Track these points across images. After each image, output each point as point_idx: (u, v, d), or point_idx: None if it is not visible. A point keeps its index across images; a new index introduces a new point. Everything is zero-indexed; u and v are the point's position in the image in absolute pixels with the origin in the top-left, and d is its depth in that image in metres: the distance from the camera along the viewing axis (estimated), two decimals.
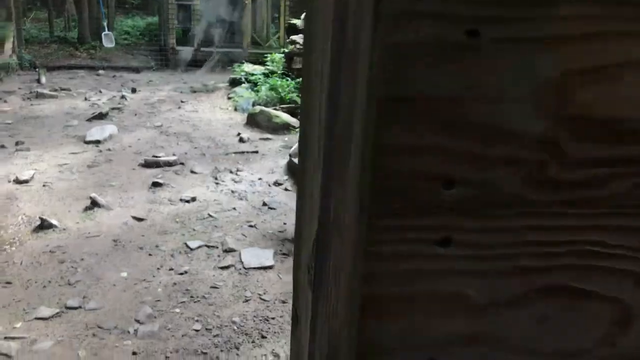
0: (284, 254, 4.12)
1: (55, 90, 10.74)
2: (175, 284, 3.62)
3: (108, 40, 15.78)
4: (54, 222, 4.44)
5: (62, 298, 3.39)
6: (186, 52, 15.18)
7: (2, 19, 13.56)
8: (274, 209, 5.02)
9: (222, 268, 3.85)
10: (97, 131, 7.26)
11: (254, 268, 3.86)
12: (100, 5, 16.22)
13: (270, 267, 3.88)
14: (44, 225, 4.40)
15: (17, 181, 5.44)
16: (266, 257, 3.99)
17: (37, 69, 13.00)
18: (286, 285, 3.66)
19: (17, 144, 6.86)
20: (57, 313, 3.21)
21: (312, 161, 0.57)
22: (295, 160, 6.01)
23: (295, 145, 6.74)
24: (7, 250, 4.01)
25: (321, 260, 0.54)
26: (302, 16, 9.65)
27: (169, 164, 6.26)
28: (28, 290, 3.48)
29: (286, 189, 5.58)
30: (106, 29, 15.98)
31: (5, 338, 2.95)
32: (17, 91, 10.60)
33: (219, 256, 4.04)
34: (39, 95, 10.06)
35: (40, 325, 3.11)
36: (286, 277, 3.78)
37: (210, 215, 4.81)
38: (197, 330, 3.11)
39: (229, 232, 4.46)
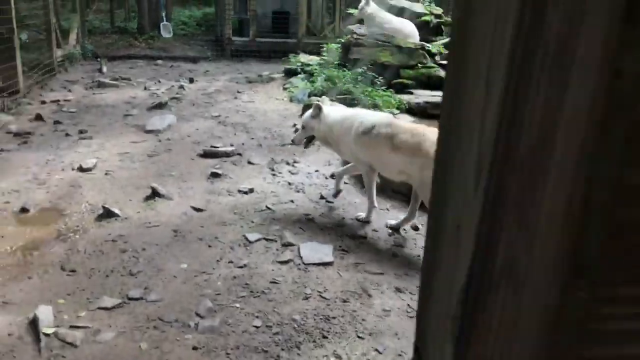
0: (343, 250, 4.01)
1: (116, 79, 10.99)
2: (235, 277, 3.57)
3: (166, 31, 16.05)
4: (116, 210, 4.48)
5: (124, 288, 3.40)
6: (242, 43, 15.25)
7: (68, 10, 13.99)
8: (332, 202, 4.91)
9: (281, 262, 3.78)
10: (157, 121, 7.35)
11: (314, 264, 3.76)
12: None
13: (329, 264, 3.77)
14: (106, 214, 4.46)
15: (81, 169, 5.55)
16: (325, 252, 3.89)
17: (98, 59, 13.37)
18: (347, 284, 3.55)
19: (80, 132, 7.04)
20: (120, 304, 3.22)
21: (459, 187, 0.43)
22: None
23: None
24: (71, 238, 4.08)
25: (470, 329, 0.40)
26: (360, 5, 9.46)
27: (227, 154, 6.25)
28: (91, 279, 3.51)
29: (344, 182, 5.45)
30: (164, 19, 16.26)
31: (70, 327, 2.97)
32: (80, 80, 10.91)
33: (277, 250, 3.97)
34: (101, 85, 10.32)
35: (103, 315, 3.12)
36: (346, 274, 3.67)
37: (268, 208, 4.75)
38: (257, 327, 3.05)
39: (287, 226, 4.38)
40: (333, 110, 4.59)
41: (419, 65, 9.03)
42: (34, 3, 11.09)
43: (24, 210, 4.55)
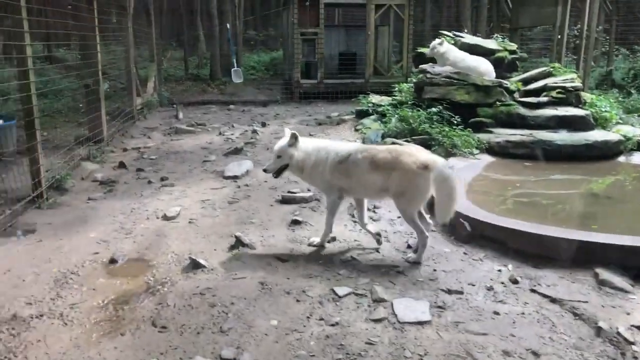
0: (439, 306, 3.76)
1: (192, 125, 11.33)
2: (327, 336, 3.40)
3: (237, 76, 16.55)
4: (202, 261, 4.45)
5: (216, 347, 3.30)
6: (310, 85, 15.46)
7: (146, 59, 14.73)
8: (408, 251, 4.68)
9: (375, 321, 3.57)
10: (235, 166, 7.43)
11: (410, 323, 3.53)
12: (231, 44, 17.11)
13: (427, 322, 3.53)
14: (193, 265, 4.43)
15: (165, 218, 5.62)
16: (421, 310, 3.66)
17: (174, 106, 13.89)
18: (448, 346, 3.29)
19: (162, 179, 7.20)
20: None
21: None
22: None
23: None
24: (160, 291, 4.06)
25: None
26: (432, 44, 9.34)
27: (305, 200, 6.18)
28: (183, 336, 3.44)
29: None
30: (235, 65, 16.79)
31: None
32: (159, 127, 11.33)
33: (369, 306, 3.78)
34: (178, 131, 10.65)
35: None
36: (446, 335, 3.42)
37: (353, 258, 4.59)
38: None
39: (375, 278, 4.19)
40: (306, 141, 4.89)
41: (497, 103, 8.74)
42: (112, 54, 11.73)
43: (112, 261, 4.61)
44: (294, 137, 4.67)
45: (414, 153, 4.43)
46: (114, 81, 13.50)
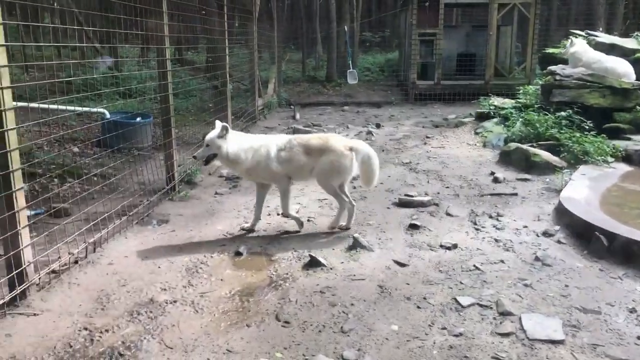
0: (573, 325, 3.49)
1: (308, 125, 11.58)
2: (451, 347, 3.29)
3: (352, 77, 16.68)
4: (321, 260, 4.52)
5: (337, 347, 3.32)
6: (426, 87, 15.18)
7: (267, 62, 15.31)
8: (549, 265, 4.40)
9: (502, 335, 3.40)
10: None
11: (540, 340, 3.32)
12: (347, 45, 17.28)
13: (560, 342, 3.30)
14: (312, 263, 4.51)
15: (285, 214, 5.78)
16: (553, 328, 3.42)
17: (292, 106, 14.30)
18: None
19: None
20: None
21: None
22: (569, 206, 5.26)
23: (567, 188, 5.97)
24: (282, 286, 4.17)
25: None
26: (569, 43, 8.76)
27: (423, 204, 6.06)
28: (305, 333, 3.50)
29: (559, 242, 4.89)
30: (351, 66, 16.94)
31: None
32: (277, 127, 11.71)
33: (494, 319, 3.61)
34: (296, 131, 10.91)
35: None
36: (582, 357, 3.16)
37: (477, 267, 4.41)
38: None
39: (501, 290, 4.00)
40: (240, 136, 5.26)
41: (638, 107, 7.99)
42: (236, 57, 12.30)
43: (238, 254, 4.82)
44: (224, 129, 4.99)
45: (340, 138, 5.37)
46: (237, 82, 14.19)
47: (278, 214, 5.85)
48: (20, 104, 4.56)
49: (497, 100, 10.44)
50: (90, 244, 4.77)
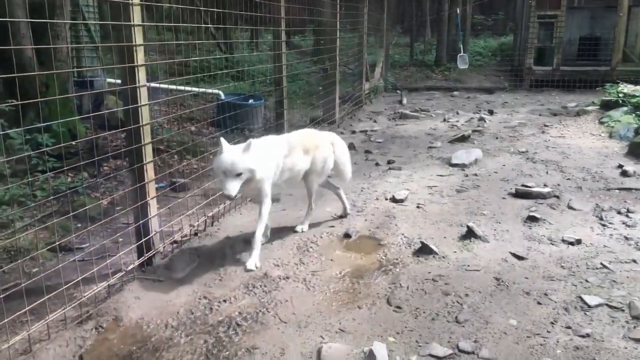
0: None
1: (416, 111, 11.35)
2: (577, 347, 3.06)
3: (462, 62, 16.09)
4: (432, 247, 4.40)
5: (452, 337, 3.21)
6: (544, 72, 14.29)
7: (374, 45, 15.16)
8: None
9: (636, 340, 3.11)
10: (462, 154, 7.21)
11: None
12: (458, 29, 16.66)
13: None
14: (424, 250, 4.41)
15: (394, 200, 5.70)
16: None
17: (398, 91, 14.09)
18: None
19: (388, 162, 7.34)
20: (451, 355, 3.03)
21: None
22: None
23: None
24: (392, 271, 4.11)
25: None
26: None
27: (542, 196, 5.70)
28: (417, 320, 3.42)
29: None
30: (462, 50, 16.33)
31: None
32: (384, 112, 11.59)
33: (627, 322, 3.31)
34: (402, 116, 10.76)
35: None
36: None
37: (604, 266, 4.07)
38: None
39: (633, 292, 3.65)
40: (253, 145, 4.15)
41: None
42: (343, 41, 12.25)
43: (346, 236, 4.82)
44: (249, 145, 3.91)
45: (320, 133, 5.13)
46: (343, 67, 14.19)
47: (386, 199, 5.78)
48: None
49: (626, 88, 9.56)
50: (209, 217, 4.99)
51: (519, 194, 5.77)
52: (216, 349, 3.14)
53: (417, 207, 5.52)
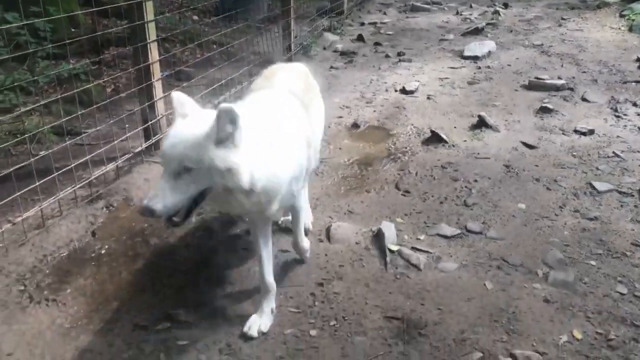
0: None
1: (427, 3, 10.81)
2: (584, 229, 3.09)
3: None
4: (443, 136, 4.34)
5: (460, 219, 3.24)
6: None
7: None
8: None
9: None
10: (475, 47, 6.94)
11: None
12: None
13: None
14: (433, 139, 4.35)
15: (403, 91, 5.57)
16: None
17: None
18: None
19: (399, 54, 7.09)
20: (459, 234, 3.06)
21: None
22: None
23: None
24: (401, 159, 4.08)
25: None
26: None
27: (556, 88, 5.54)
28: (426, 203, 3.44)
29: None
30: None
31: (412, 248, 2.94)
32: (394, 4, 11.06)
33: (636, 207, 3.31)
34: (414, 9, 10.27)
35: (442, 242, 3.01)
36: None
37: (616, 155, 4.02)
38: (622, 294, 2.56)
39: None
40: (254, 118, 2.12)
41: None
42: None
43: (355, 126, 4.75)
44: (230, 114, 1.85)
45: (297, 67, 3.10)
46: None
47: (396, 90, 5.64)
48: None
49: None
50: (215, 105, 4.89)
51: (532, 86, 5.61)
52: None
53: (428, 98, 5.40)
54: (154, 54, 3.74)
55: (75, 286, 2.66)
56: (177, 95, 2.02)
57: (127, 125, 4.40)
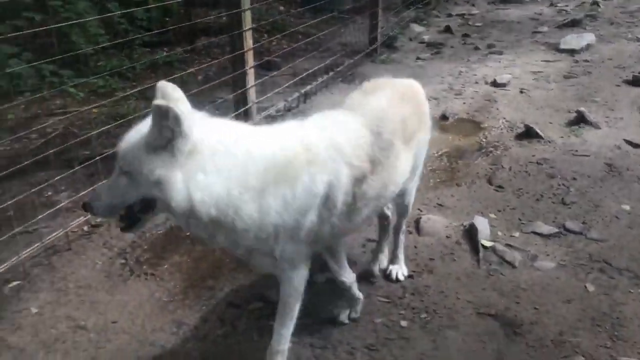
0: None
1: None
2: None
3: None
4: (538, 131, 4.14)
5: (557, 217, 3.08)
6: None
7: None
8: None
9: None
10: (572, 39, 6.57)
11: None
12: None
13: None
14: (527, 134, 4.17)
15: (495, 84, 5.37)
16: None
17: None
18: None
19: (488, 46, 6.85)
20: (556, 233, 2.91)
21: None
22: None
23: None
24: (493, 153, 3.94)
25: None
26: None
27: None
28: (520, 199, 3.30)
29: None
30: None
31: (506, 245, 2.82)
32: None
33: None
34: (504, 0, 9.89)
35: (538, 240, 2.88)
36: None
37: None
38: None
39: None
40: (227, 130, 1.73)
41: None
42: None
43: (444, 117, 4.64)
44: (169, 113, 1.50)
45: (409, 83, 2.39)
46: None
47: (486, 83, 5.45)
48: None
49: None
50: (302, 94, 4.94)
51: (636, 82, 5.23)
52: None
53: (521, 92, 5.17)
54: (248, 42, 3.82)
55: (171, 262, 2.77)
56: (162, 86, 1.63)
57: (217, 111, 4.54)
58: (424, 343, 2.22)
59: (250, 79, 3.98)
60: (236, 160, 1.61)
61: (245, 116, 4.00)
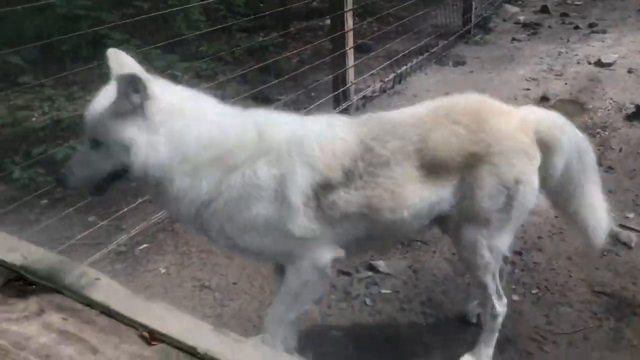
0: None
1: None
2: None
3: None
4: None
5: None
6: None
7: None
8: None
9: None
10: None
11: None
12: None
13: None
14: (638, 115, 3.97)
15: (599, 64, 5.14)
16: None
17: None
18: None
19: (590, 26, 6.54)
20: None
21: None
22: None
23: None
24: (600, 134, 3.80)
25: None
26: None
27: None
28: (633, 181, 3.18)
29: None
30: None
31: (620, 226, 2.74)
32: None
33: None
34: None
35: None
36: None
37: None
38: None
39: None
40: (194, 100, 1.70)
41: None
42: None
43: (544, 99, 4.50)
44: (131, 80, 1.52)
45: (499, 106, 1.93)
46: None
47: (589, 63, 5.22)
48: None
49: None
50: (397, 75, 4.96)
51: None
52: None
53: (629, 72, 4.92)
54: (349, 22, 3.89)
55: None
56: (113, 53, 1.63)
57: (312, 94, 4.66)
58: (537, 318, 2.22)
59: (350, 59, 4.06)
60: (187, 129, 1.58)
61: (343, 97, 4.09)
